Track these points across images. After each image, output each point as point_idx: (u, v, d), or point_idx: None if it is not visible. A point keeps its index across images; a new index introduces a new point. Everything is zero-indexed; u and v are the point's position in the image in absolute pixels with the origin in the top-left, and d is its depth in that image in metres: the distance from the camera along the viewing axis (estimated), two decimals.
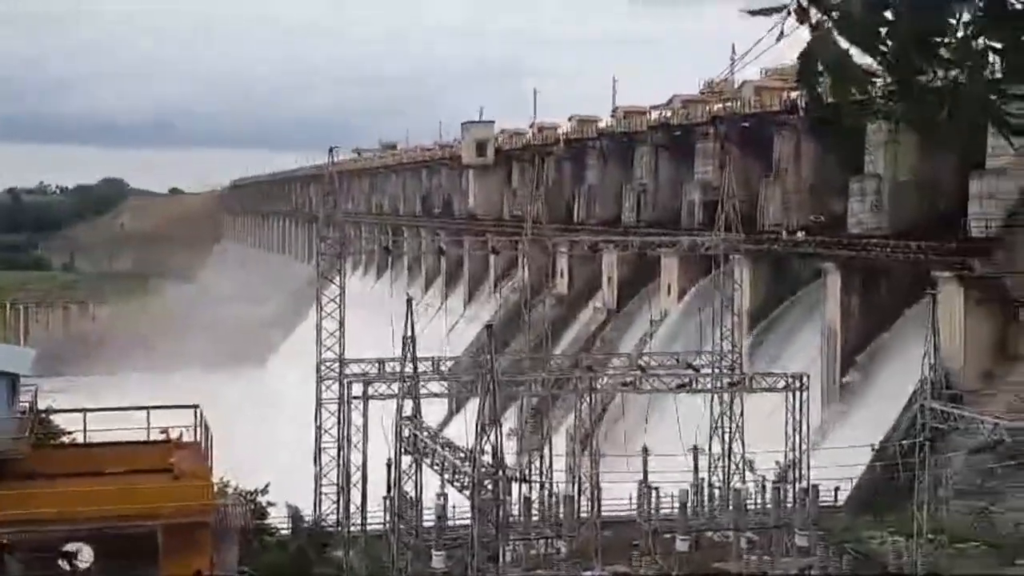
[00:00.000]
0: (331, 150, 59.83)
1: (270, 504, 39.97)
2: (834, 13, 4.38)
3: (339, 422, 45.53)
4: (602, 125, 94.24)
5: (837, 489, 48.61)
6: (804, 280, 66.22)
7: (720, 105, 76.71)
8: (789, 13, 4.46)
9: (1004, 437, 38.15)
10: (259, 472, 40.47)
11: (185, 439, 33.54)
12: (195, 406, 33.63)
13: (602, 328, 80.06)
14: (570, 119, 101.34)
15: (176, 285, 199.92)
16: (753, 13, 4.47)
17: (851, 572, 38.70)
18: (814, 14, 4.42)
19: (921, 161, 56.51)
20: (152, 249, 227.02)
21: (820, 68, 4.44)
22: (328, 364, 46.98)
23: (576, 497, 43.27)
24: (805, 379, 45.90)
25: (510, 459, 41.82)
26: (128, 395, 57.01)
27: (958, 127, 4.47)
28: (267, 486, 39.24)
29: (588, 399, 47.07)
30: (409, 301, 40.17)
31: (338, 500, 45.33)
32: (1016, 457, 41.20)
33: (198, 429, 33.50)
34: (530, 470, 46.60)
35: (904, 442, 43.36)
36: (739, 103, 74.65)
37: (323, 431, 46.55)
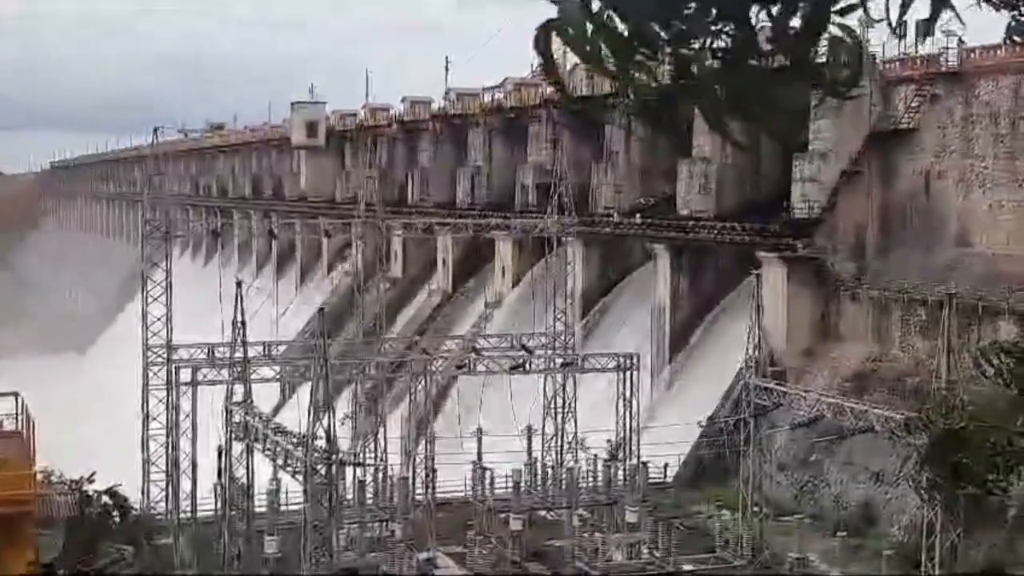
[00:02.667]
0: (155, 130, 57.90)
1: (97, 492, 38.59)
2: None
3: (167, 408, 44.25)
4: (435, 107, 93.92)
5: (666, 466, 49.76)
6: (636, 263, 67.45)
7: (552, 88, 77.30)
8: None
9: (824, 413, 39.61)
10: (86, 460, 39.05)
11: (6, 428, 32.24)
12: (15, 393, 32.34)
13: (437, 311, 79.97)
14: (403, 100, 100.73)
15: None
16: None
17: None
18: None
19: (747, 145, 58.01)
20: None
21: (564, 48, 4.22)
22: (155, 349, 45.60)
23: (411, 480, 43.11)
24: (635, 359, 46.76)
25: (344, 443, 41.31)
26: None
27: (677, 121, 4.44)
28: (93, 474, 37.89)
29: (423, 382, 46.92)
30: (239, 284, 39.28)
31: (167, 487, 44.09)
32: (835, 432, 42.89)
33: (19, 417, 32.22)
34: (364, 454, 46.17)
35: (730, 419, 44.62)
36: (571, 86, 75.40)
37: (151, 418, 45.17)
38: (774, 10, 4.16)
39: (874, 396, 44.38)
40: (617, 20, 4.09)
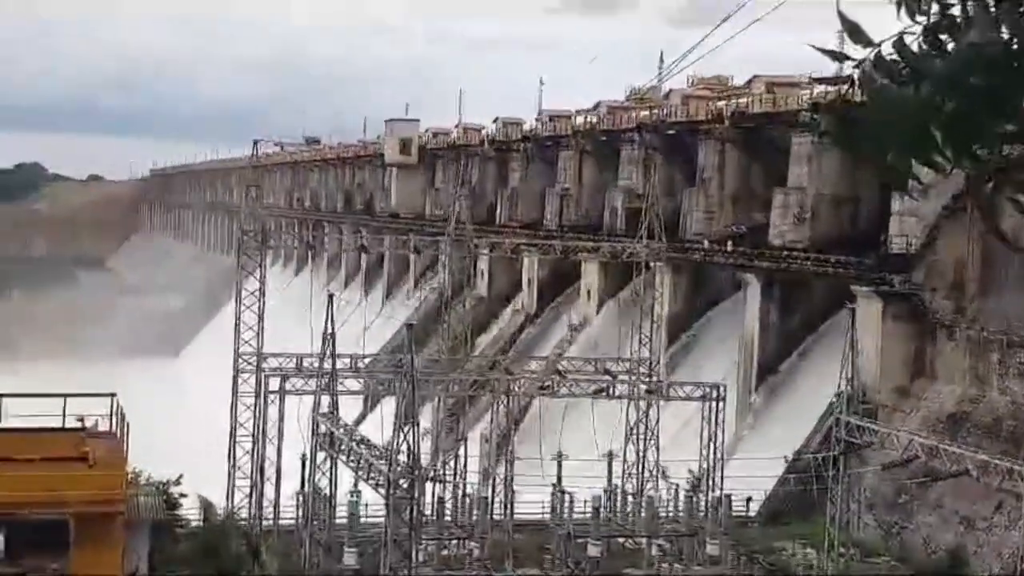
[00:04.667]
0: (255, 143, 58.74)
1: (182, 496, 38.80)
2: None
3: (255, 416, 44.50)
4: (527, 128, 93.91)
5: (749, 499, 48.64)
6: (725, 291, 66.39)
7: (646, 113, 76.74)
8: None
9: (918, 454, 38.29)
10: (173, 463, 39.28)
11: (101, 428, 32.54)
12: (112, 394, 32.66)
13: (521, 331, 79.62)
14: (495, 121, 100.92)
15: (92, 273, 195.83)
16: (823, 51, 4.17)
17: None
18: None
19: (843, 176, 56.91)
20: (69, 236, 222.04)
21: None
22: (246, 357, 45.96)
23: (490, 499, 42.75)
24: (721, 389, 45.90)
25: (425, 459, 41.01)
26: (42, 382, 55.18)
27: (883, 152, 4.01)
28: (180, 477, 38.10)
29: (505, 401, 46.58)
30: (330, 297, 39.36)
31: (251, 494, 44.26)
32: (928, 474, 41.46)
33: (114, 418, 32.54)
34: (444, 470, 45.88)
35: (818, 455, 43.40)
36: (665, 111, 74.74)
37: (239, 424, 45.45)
38: None
39: (968, 439, 42.86)
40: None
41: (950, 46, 3.90)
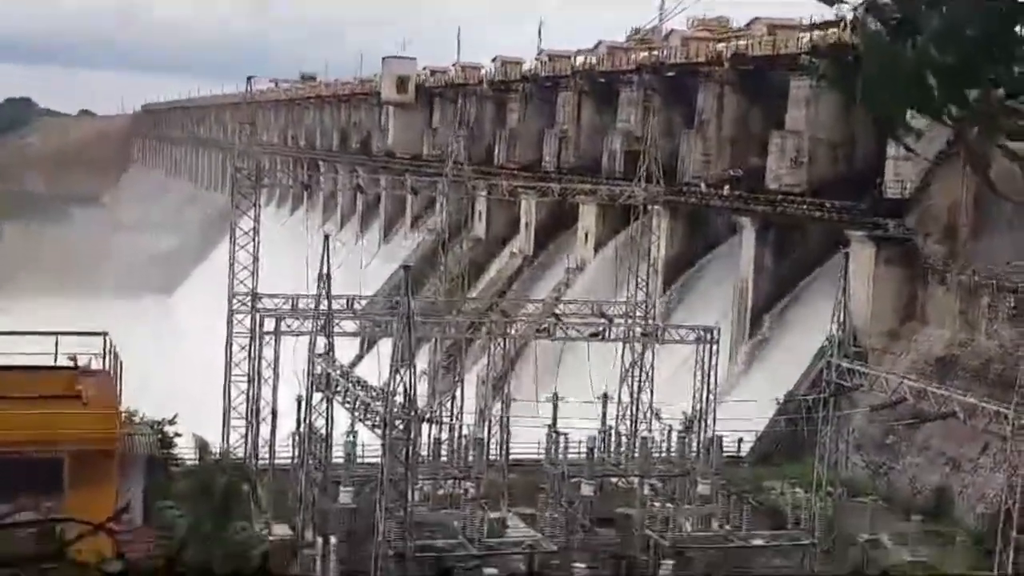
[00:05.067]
0: (249, 79, 58.96)
1: (177, 435, 39.69)
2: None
3: (250, 356, 45.25)
4: (526, 68, 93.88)
5: (741, 440, 49.76)
6: (721, 235, 67.11)
7: (645, 54, 76.92)
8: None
9: (906, 396, 39.33)
10: (167, 403, 40.15)
11: (94, 366, 33.03)
12: (104, 333, 33.16)
13: (518, 273, 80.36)
14: (494, 60, 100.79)
15: (85, 209, 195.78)
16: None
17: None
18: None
19: (840, 120, 57.44)
20: (63, 172, 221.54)
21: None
22: (240, 297, 46.57)
23: (485, 440, 43.70)
24: (716, 332, 46.72)
25: (421, 400, 41.99)
26: (34, 320, 56.02)
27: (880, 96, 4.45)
28: (175, 417, 38.93)
29: (501, 344, 47.41)
30: (326, 238, 39.95)
31: (247, 434, 45.20)
32: (916, 416, 42.54)
33: (107, 357, 33.02)
34: (441, 411, 46.86)
35: (808, 397, 44.44)
36: (665, 53, 74.95)
37: (233, 365, 46.24)
38: None
39: (956, 382, 43.90)
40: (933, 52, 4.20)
41: None
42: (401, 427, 32.77)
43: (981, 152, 4.73)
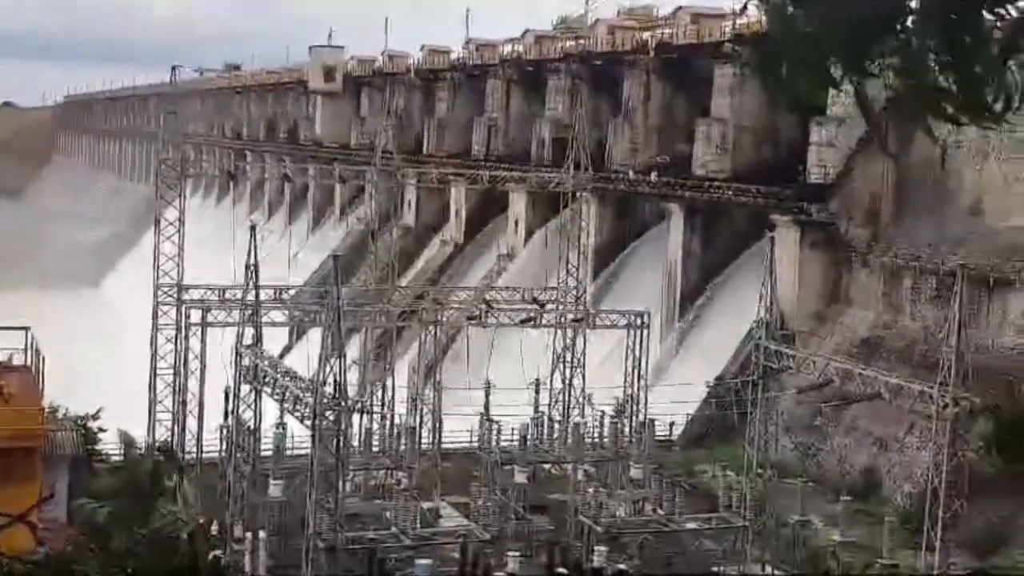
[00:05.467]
0: (173, 68, 57.74)
1: (101, 430, 38.66)
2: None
3: (176, 348, 44.31)
4: (454, 57, 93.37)
5: (672, 424, 49.83)
6: (650, 221, 67.25)
7: (572, 43, 76.75)
8: None
9: (833, 378, 39.51)
10: (95, 397, 39.11)
11: (15, 362, 32.14)
12: (26, 328, 32.25)
13: (449, 261, 79.94)
14: (422, 49, 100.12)
15: (8, 202, 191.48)
16: None
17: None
18: None
19: (764, 107, 57.67)
20: None
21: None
22: (166, 289, 45.61)
23: (417, 429, 43.22)
24: (646, 317, 46.67)
25: (352, 390, 41.34)
26: None
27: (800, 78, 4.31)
28: (99, 411, 37.90)
29: (432, 332, 46.88)
30: (252, 228, 39.09)
31: (173, 427, 44.24)
32: (843, 397, 42.81)
33: (29, 352, 32.15)
34: (372, 401, 46.26)
35: (737, 380, 44.54)
36: (591, 41, 74.82)
37: (159, 357, 45.26)
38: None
39: (881, 363, 44.26)
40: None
41: None
42: (331, 418, 32.16)
43: (882, 124, 4.86)
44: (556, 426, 46.69)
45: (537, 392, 46.26)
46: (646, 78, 66.54)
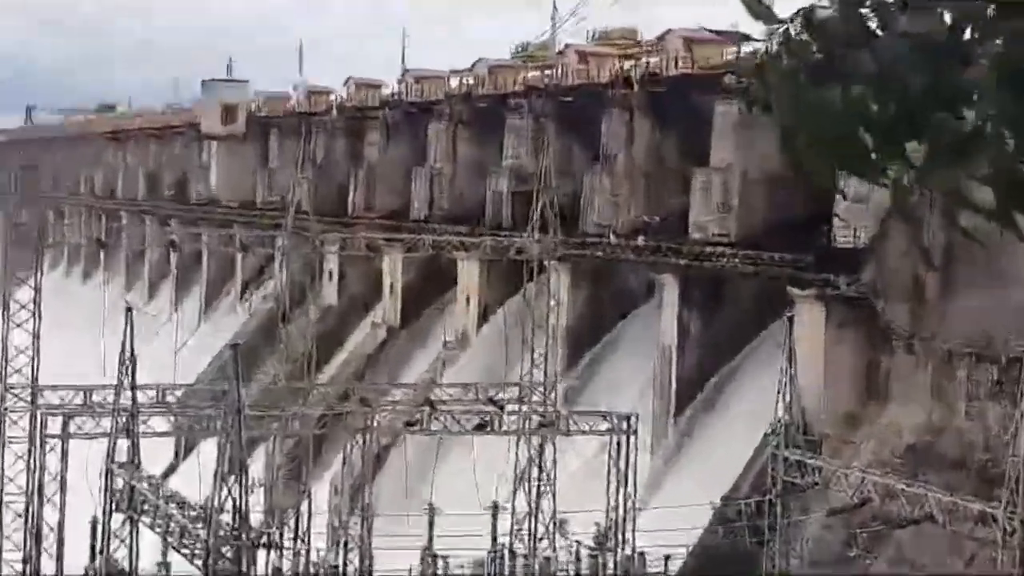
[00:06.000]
0: (28, 110, 57.98)
1: None
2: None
3: (29, 467, 43.97)
4: (388, 92, 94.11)
5: (668, 558, 49.57)
6: (638, 297, 67.58)
7: (537, 73, 77.66)
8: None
9: (871, 495, 39.70)
10: None
11: None
12: None
13: (381, 350, 79.83)
14: (347, 83, 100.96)
15: None
16: (718, 33, 4.58)
17: None
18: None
19: (778, 153, 58.40)
20: None
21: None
22: (16, 391, 45.37)
23: (341, 568, 42.96)
24: (633, 420, 46.85)
25: (257, 518, 41.04)
26: None
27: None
28: None
29: (361, 441, 46.78)
30: (129, 311, 39.18)
31: (24, 571, 43.73)
32: (884, 521, 42.93)
33: None
34: (283, 532, 45.90)
35: (751, 500, 44.58)
36: (560, 71, 75.73)
37: (7, 479, 44.87)
38: None
39: (932, 476, 44.47)
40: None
41: (872, 25, 4.26)
42: (230, 555, 31.97)
43: (918, 217, 5.09)
44: (520, 561, 46.50)
45: (495, 518, 46.09)
46: (629, 116, 67.37)
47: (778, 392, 42.72)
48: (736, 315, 59.66)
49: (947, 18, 4.27)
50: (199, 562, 33.02)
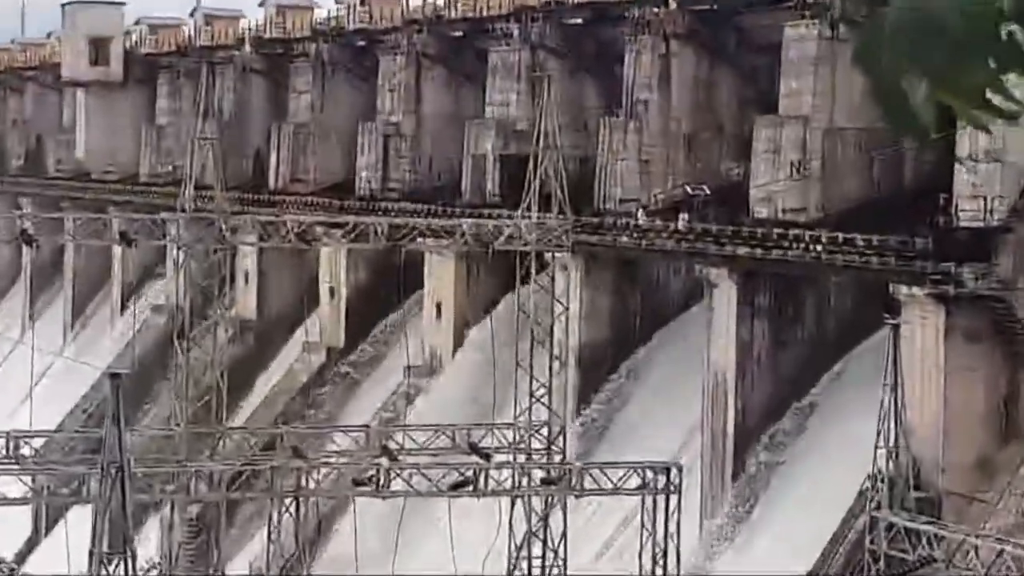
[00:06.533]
0: None
1: None
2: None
3: None
4: (322, 16, 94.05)
5: None
6: (678, 300, 67.43)
7: None
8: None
9: (1011, 573, 39.72)
10: None
11: None
12: None
13: (320, 381, 79.73)
14: (263, 4, 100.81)
15: None
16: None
17: None
18: None
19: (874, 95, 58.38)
20: None
21: None
22: None
23: None
24: (674, 474, 46.73)
25: None
26: None
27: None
28: None
29: (293, 508, 46.74)
30: None
31: None
32: None
33: None
34: None
35: None
36: None
37: None
38: None
39: None
40: None
41: None
42: None
43: None
44: None
45: None
46: (664, 46, 67.34)
47: (878, 433, 42.65)
48: (817, 326, 59.60)
49: None
50: None
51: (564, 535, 49.30)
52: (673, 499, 46.44)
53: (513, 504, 49.44)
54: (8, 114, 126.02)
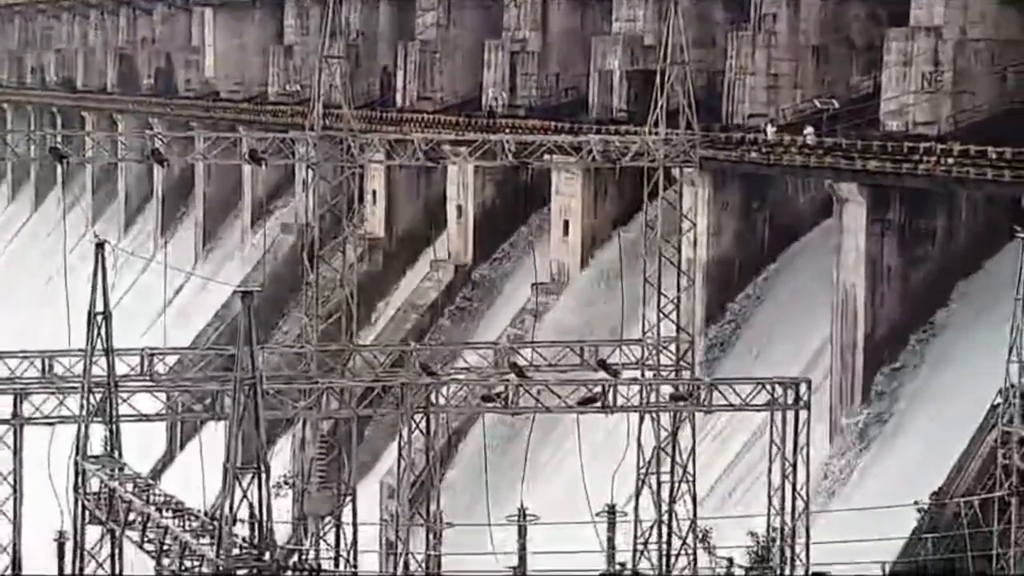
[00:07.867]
0: None
1: None
2: None
3: None
4: None
5: None
6: (809, 217, 67.20)
7: None
8: None
9: None
10: None
11: None
12: None
13: (448, 298, 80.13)
14: None
15: None
16: None
17: None
18: None
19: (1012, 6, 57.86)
20: None
21: None
22: None
23: None
24: (804, 389, 46.69)
25: (283, 529, 41.63)
26: None
27: None
28: None
29: (422, 423, 47.10)
30: (100, 246, 39.50)
31: None
32: None
33: None
34: (318, 549, 46.52)
35: (972, 499, 44.43)
36: None
37: None
38: None
39: None
40: None
41: None
42: None
43: None
44: None
45: (612, 529, 46.31)
46: None
47: (1010, 348, 42.35)
48: (950, 243, 59.21)
49: None
50: None
51: (692, 451, 49.36)
52: (803, 414, 46.43)
53: (641, 420, 49.53)
54: (138, 34, 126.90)
